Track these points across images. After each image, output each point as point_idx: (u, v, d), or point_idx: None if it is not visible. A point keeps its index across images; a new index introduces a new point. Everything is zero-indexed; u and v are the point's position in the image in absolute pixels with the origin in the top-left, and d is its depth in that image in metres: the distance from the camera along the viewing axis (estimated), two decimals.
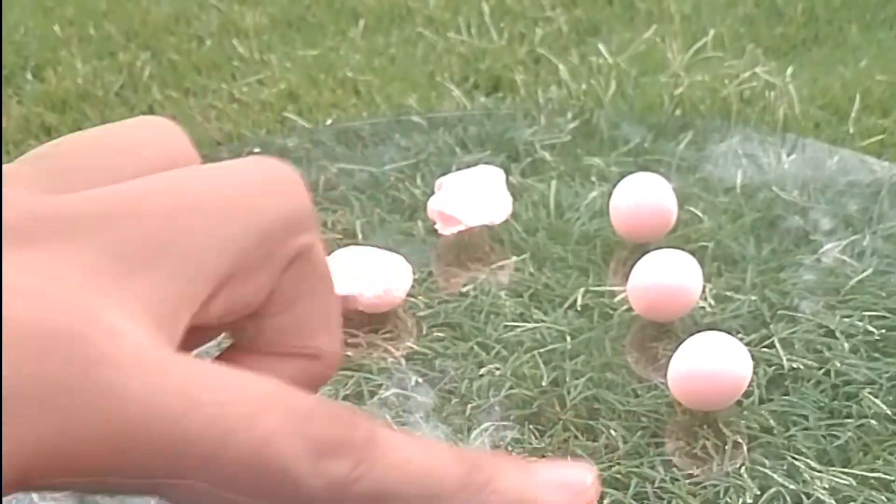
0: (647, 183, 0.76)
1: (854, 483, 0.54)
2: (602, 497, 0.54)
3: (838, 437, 0.58)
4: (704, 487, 0.55)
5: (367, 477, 0.20)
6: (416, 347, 0.68)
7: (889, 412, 0.59)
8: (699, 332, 0.62)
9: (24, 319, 0.18)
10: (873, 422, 0.59)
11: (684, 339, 0.62)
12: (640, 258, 0.69)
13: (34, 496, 0.58)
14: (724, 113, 1.95)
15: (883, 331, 0.66)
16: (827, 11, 2.35)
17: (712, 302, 0.70)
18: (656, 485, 0.55)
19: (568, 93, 2.02)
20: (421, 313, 0.71)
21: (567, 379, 0.65)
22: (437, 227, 0.78)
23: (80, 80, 2.12)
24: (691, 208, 0.80)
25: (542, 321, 0.70)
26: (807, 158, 0.87)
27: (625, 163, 0.86)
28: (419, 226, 0.80)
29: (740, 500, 0.54)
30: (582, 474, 0.22)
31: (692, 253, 0.69)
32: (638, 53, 2.16)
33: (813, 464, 0.56)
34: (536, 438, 0.61)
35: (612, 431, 0.61)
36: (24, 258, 0.19)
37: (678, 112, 1.95)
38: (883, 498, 0.53)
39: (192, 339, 0.22)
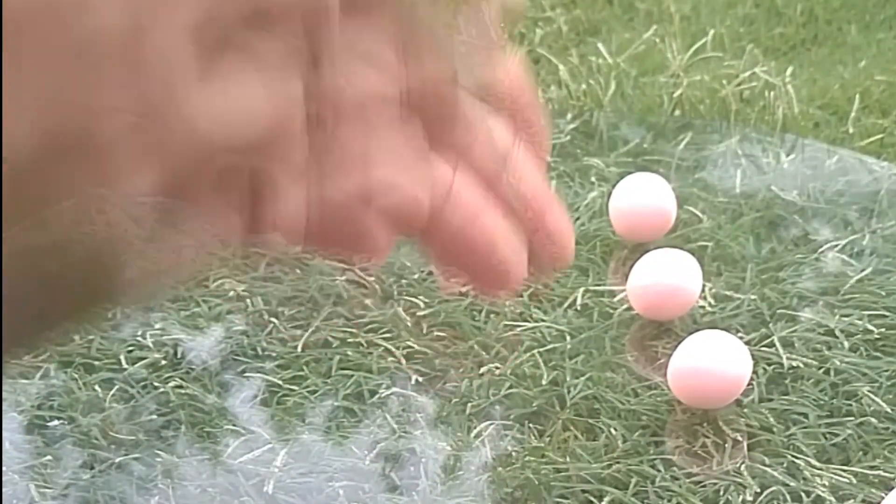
0: (646, 183, 0.76)
1: (854, 481, 0.54)
2: (602, 496, 0.54)
3: (838, 435, 0.58)
4: (704, 486, 0.55)
5: None
6: (416, 347, 0.68)
7: (888, 410, 0.60)
8: (699, 331, 0.63)
9: None
10: (873, 420, 0.59)
11: (684, 338, 0.62)
12: (639, 258, 0.69)
13: (33, 493, 0.58)
14: (723, 113, 1.95)
15: (882, 329, 0.67)
16: (826, 12, 2.35)
17: (712, 301, 0.70)
18: (657, 483, 0.55)
19: (567, 93, 2.02)
20: (421, 313, 0.71)
21: (567, 378, 0.65)
22: None
23: None
24: (691, 208, 0.80)
25: (542, 320, 0.70)
26: (806, 158, 0.87)
27: (624, 163, 0.86)
28: None
29: (740, 498, 0.54)
30: None
31: (692, 252, 0.69)
32: (637, 54, 2.16)
33: (813, 462, 0.56)
34: (536, 438, 0.61)
35: (612, 430, 0.61)
36: None
37: (677, 112, 1.95)
38: (882, 495, 0.53)
39: None
